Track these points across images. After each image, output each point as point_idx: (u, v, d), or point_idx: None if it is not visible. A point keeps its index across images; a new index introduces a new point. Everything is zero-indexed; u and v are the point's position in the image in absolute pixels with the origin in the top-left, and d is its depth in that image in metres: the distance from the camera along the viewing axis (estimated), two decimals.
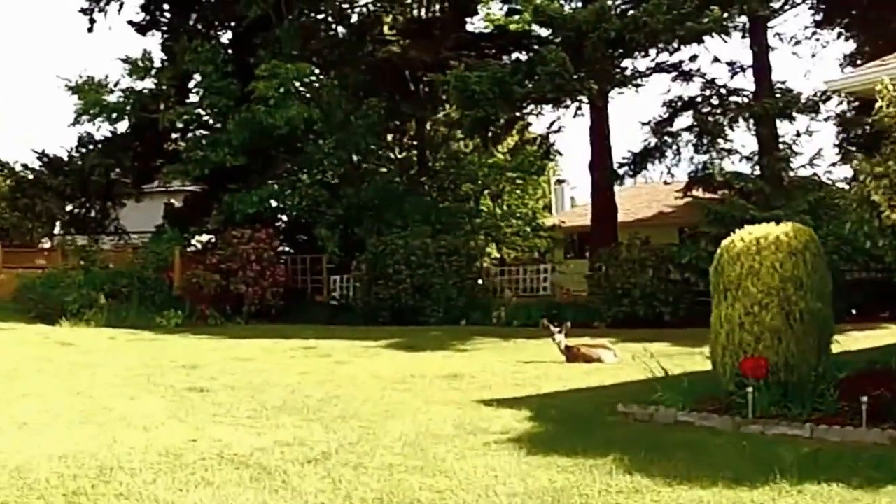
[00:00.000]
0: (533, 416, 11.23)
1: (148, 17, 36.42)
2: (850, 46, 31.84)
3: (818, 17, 30.79)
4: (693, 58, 29.98)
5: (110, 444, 9.64)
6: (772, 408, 10.28)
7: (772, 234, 11.33)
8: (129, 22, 36.51)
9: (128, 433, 10.31)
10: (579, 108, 30.22)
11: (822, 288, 11.31)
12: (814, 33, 31.02)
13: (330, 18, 35.43)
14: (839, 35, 31.36)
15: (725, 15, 24.91)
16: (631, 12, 25.90)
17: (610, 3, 26.34)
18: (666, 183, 41.59)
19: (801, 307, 10.82)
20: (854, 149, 29.97)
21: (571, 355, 17.23)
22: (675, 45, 27.67)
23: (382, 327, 26.54)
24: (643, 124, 31.19)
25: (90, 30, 36.32)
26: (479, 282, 30.33)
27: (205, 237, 35.64)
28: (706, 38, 27.13)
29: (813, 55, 31.56)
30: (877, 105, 10.89)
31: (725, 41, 27.41)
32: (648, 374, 13.44)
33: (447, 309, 28.00)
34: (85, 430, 10.51)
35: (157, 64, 34.91)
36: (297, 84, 30.75)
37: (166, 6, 36.28)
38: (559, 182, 47.94)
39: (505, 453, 9.09)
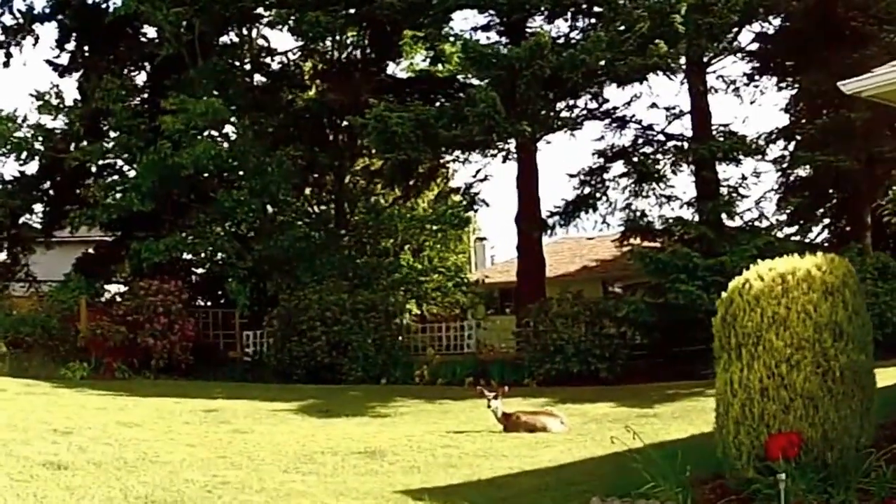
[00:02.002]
0: None
1: (67, 56, 33.12)
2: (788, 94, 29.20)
3: (755, 65, 27.90)
4: (628, 103, 27.21)
5: None
6: (809, 496, 7.25)
7: (801, 269, 8.20)
8: (47, 61, 33.25)
9: None
10: (507, 156, 26.93)
11: (864, 336, 8.17)
12: (752, 80, 28.13)
13: (247, 66, 31.93)
14: (777, 84, 28.56)
15: (671, 51, 21.82)
16: (568, 51, 22.52)
17: (546, 37, 23.03)
18: (589, 239, 39.27)
19: (841, 362, 7.74)
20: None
21: (510, 423, 13.73)
22: (614, 86, 24.64)
23: (297, 386, 23.14)
24: (571, 176, 28.12)
25: (6, 64, 32.97)
26: (399, 339, 26.73)
27: (118, 287, 32.46)
28: (650, 76, 24.19)
29: (752, 102, 28.65)
30: None
31: (671, 78, 24.59)
32: (610, 446, 10.21)
33: (366, 367, 24.79)
34: None
35: (70, 102, 31.58)
36: (206, 120, 27.37)
37: (80, 43, 32.95)
38: (480, 240, 44.85)
39: None
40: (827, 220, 29.09)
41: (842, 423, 7.61)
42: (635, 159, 26.22)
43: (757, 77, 28.41)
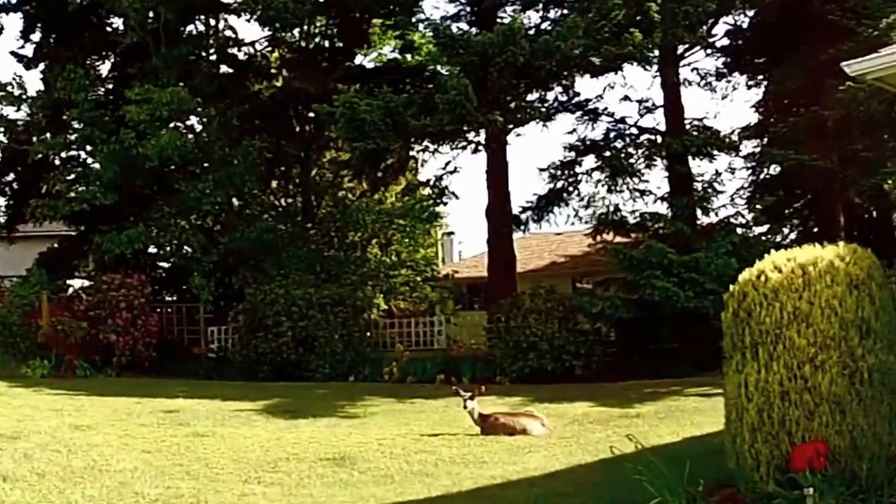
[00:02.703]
0: None
1: (32, 48, 31.44)
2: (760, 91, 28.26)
3: (727, 60, 26.95)
4: (600, 96, 26.07)
5: None
6: None
7: (823, 259, 7.20)
8: (12, 53, 31.54)
9: None
10: (477, 148, 25.79)
11: (891, 334, 7.22)
12: (722, 76, 27.20)
13: (213, 57, 30.61)
14: (748, 82, 27.64)
15: (646, 40, 20.84)
16: (543, 38, 21.41)
17: (520, 22, 21.95)
18: (557, 234, 38.41)
19: (869, 363, 6.88)
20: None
21: (488, 425, 12.67)
22: (587, 77, 23.60)
23: (262, 383, 21.84)
24: (541, 170, 27.00)
25: None
26: (368, 334, 25.58)
27: (81, 282, 30.33)
28: (624, 67, 23.15)
29: (724, 97, 27.64)
30: None
31: (646, 69, 23.56)
32: (599, 451, 9.96)
33: (333, 364, 23.57)
34: None
35: (33, 93, 30.11)
36: (171, 110, 25.99)
37: (46, 34, 31.23)
38: (447, 234, 43.69)
39: None
40: (797, 220, 28.25)
41: (871, 429, 6.75)
42: (608, 153, 25.11)
43: (728, 74, 27.55)
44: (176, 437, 12.54)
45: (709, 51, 26.59)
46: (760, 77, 27.82)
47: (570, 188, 26.20)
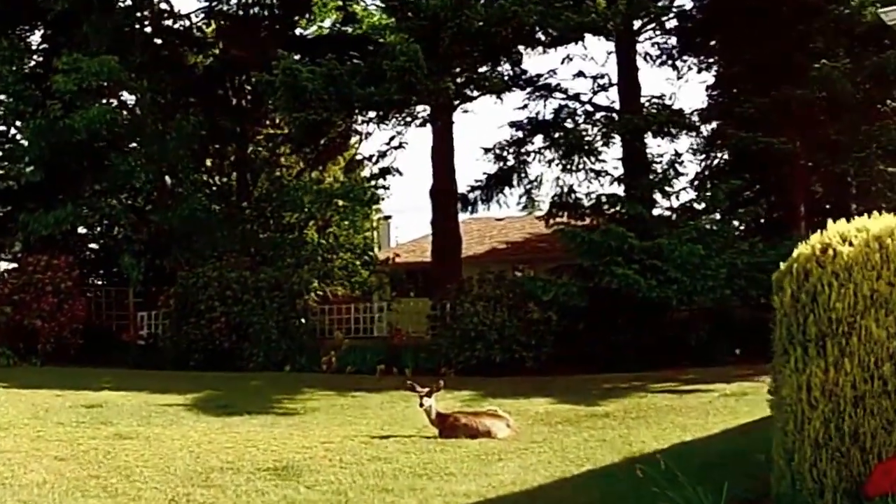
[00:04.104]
0: None
1: None
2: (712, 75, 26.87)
3: (680, 40, 25.47)
4: (553, 71, 24.39)
5: None
6: None
7: None
8: None
9: None
10: (424, 122, 24.10)
11: None
12: (678, 55, 25.67)
13: (148, 29, 28.43)
14: (699, 63, 26.19)
15: (609, 10, 19.29)
16: (498, 2, 19.66)
17: None
18: (498, 220, 37.03)
19: None
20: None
21: (447, 427, 11.04)
22: (539, 51, 22.00)
23: (194, 373, 20.11)
24: (486, 150, 25.35)
25: None
26: (304, 321, 23.76)
27: (6, 265, 28.70)
28: (583, 39, 21.57)
29: (679, 77, 26.11)
30: None
31: (609, 38, 21.99)
32: (582, 460, 8.82)
33: (268, 352, 21.87)
34: None
35: None
36: (101, 80, 24.19)
37: None
38: (384, 218, 41.84)
39: None
40: (750, 207, 26.82)
41: None
42: (561, 131, 23.51)
43: (679, 56, 26.10)
44: (95, 439, 10.72)
45: (661, 31, 25.15)
46: (712, 60, 26.48)
47: (522, 167, 24.60)
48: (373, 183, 27.61)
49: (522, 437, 10.91)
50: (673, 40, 25.67)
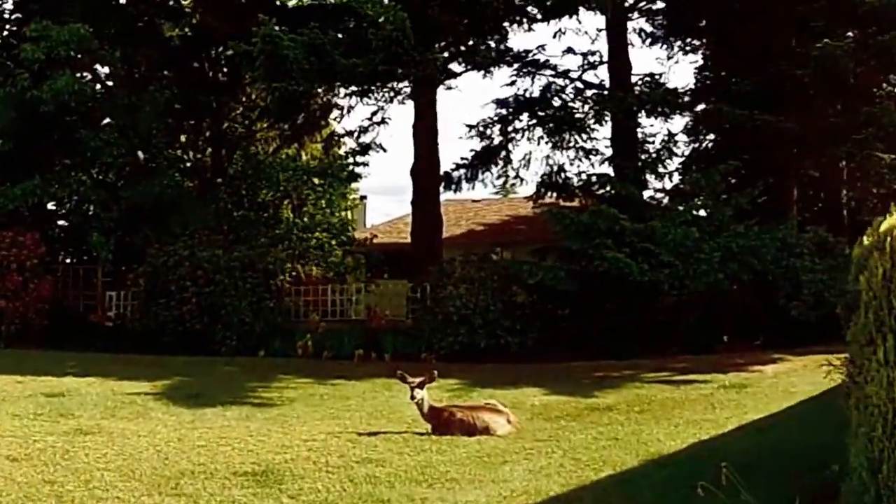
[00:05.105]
0: None
1: None
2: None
3: (669, 17, 24.38)
4: (542, 46, 23.23)
5: None
6: None
7: None
8: None
9: None
10: (405, 100, 22.94)
11: None
12: (669, 35, 24.60)
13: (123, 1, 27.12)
14: (685, 47, 25.14)
15: None
16: None
17: None
18: (475, 201, 36.26)
19: None
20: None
21: (441, 422, 10.01)
22: (533, 24, 20.86)
23: (164, 357, 18.78)
24: (470, 127, 24.27)
25: None
26: (279, 303, 22.57)
27: None
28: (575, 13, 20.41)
29: (670, 57, 25.04)
30: None
31: (604, 13, 20.79)
32: (592, 459, 8.04)
33: (241, 335, 20.69)
34: None
35: None
36: (71, 49, 22.89)
37: None
38: (360, 199, 40.65)
39: None
40: (747, 190, 25.87)
41: None
42: (549, 109, 22.42)
43: (670, 35, 25.06)
44: (53, 435, 9.63)
45: (650, 15, 24.09)
46: (698, 43, 25.48)
47: (508, 145, 23.53)
48: (351, 160, 26.47)
49: (524, 433, 9.89)
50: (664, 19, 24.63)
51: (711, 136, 25.30)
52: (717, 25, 23.53)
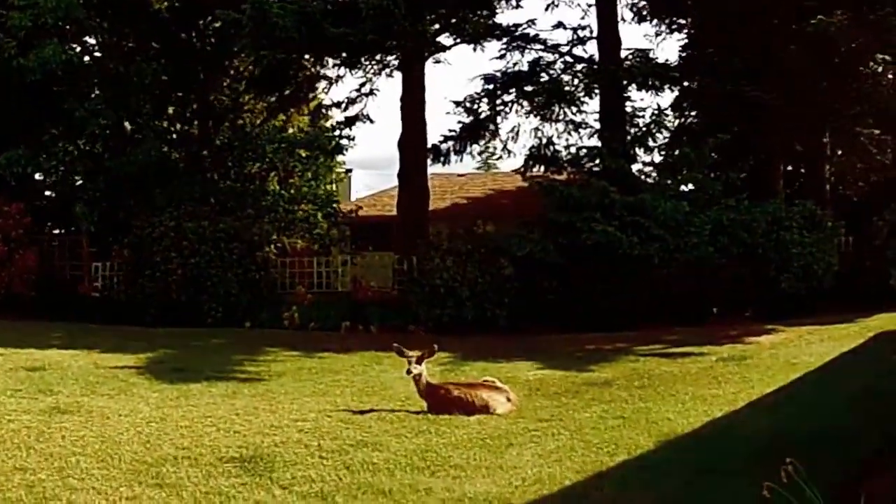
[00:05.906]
0: None
1: None
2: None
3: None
4: (533, 21, 22.16)
5: None
6: None
7: None
8: None
9: None
10: (392, 73, 21.96)
11: None
12: (653, 14, 23.63)
13: None
14: (671, 25, 24.19)
15: None
16: None
17: None
18: (459, 175, 35.58)
19: None
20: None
21: (438, 400, 9.24)
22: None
23: (149, 329, 18.03)
24: (457, 104, 23.40)
25: None
26: (265, 274, 21.74)
27: None
28: None
29: (657, 34, 24.13)
30: None
31: None
32: (603, 441, 7.47)
33: (228, 307, 20.02)
34: None
35: None
36: (58, 17, 21.85)
37: None
38: (346, 171, 39.64)
39: None
40: (739, 163, 25.10)
41: None
42: (540, 84, 21.52)
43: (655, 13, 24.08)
44: (30, 414, 8.80)
45: None
46: (684, 21, 24.57)
47: (497, 118, 22.59)
48: (337, 132, 25.55)
49: (524, 412, 9.11)
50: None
51: (695, 113, 24.49)
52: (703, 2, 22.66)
